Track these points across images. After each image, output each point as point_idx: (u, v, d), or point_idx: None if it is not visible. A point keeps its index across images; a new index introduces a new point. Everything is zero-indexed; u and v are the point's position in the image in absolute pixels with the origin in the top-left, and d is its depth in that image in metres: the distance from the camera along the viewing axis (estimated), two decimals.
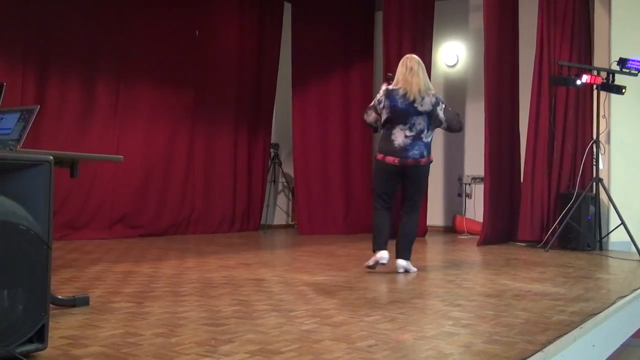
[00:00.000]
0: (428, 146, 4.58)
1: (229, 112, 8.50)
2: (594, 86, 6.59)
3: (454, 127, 4.74)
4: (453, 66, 9.48)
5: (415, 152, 4.49)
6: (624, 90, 6.40)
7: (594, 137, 6.59)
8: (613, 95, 6.68)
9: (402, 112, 4.50)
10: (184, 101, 7.90)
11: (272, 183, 9.41)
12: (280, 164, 9.35)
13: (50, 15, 6.54)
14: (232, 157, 8.54)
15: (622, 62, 6.33)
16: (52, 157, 2.13)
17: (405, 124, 4.51)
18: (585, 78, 6.46)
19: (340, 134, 8.91)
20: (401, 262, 4.61)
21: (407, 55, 4.86)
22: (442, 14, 8.97)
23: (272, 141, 9.27)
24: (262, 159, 8.99)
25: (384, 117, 4.58)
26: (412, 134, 4.50)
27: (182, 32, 7.88)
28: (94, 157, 3.41)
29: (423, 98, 4.52)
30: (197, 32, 8.08)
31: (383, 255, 4.53)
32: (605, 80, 6.48)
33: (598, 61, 7.02)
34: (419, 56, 8.24)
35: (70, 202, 6.64)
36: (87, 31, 6.89)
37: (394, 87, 4.59)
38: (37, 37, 6.45)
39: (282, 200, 9.82)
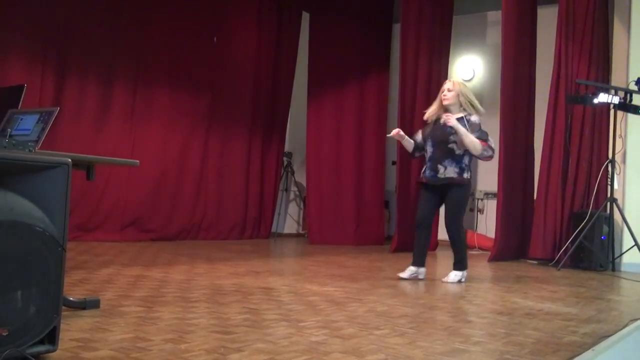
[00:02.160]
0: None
1: (244, 119, 8.53)
2: (611, 105, 6.55)
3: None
4: (469, 80, 9.46)
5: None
6: None
7: (610, 156, 6.55)
8: (630, 115, 6.64)
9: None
10: (199, 107, 7.95)
11: (284, 191, 9.42)
12: (292, 173, 9.36)
13: (70, 18, 6.62)
14: (245, 164, 8.57)
15: None
16: (70, 160, 2.14)
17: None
18: (602, 97, 6.42)
19: (354, 145, 8.91)
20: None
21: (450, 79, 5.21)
22: (460, 28, 8.97)
23: (286, 149, 9.30)
24: (275, 167, 9.01)
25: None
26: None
27: (200, 37, 7.94)
28: (111, 161, 3.43)
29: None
30: (215, 39, 8.13)
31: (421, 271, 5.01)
32: (622, 100, 6.44)
33: (616, 80, 6.98)
34: (436, 69, 8.34)
35: (83, 204, 6.68)
36: (106, 34, 6.96)
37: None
38: (56, 40, 6.52)
39: (294, 209, 9.82)
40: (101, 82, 6.96)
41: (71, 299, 2.98)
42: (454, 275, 4.93)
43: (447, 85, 4.96)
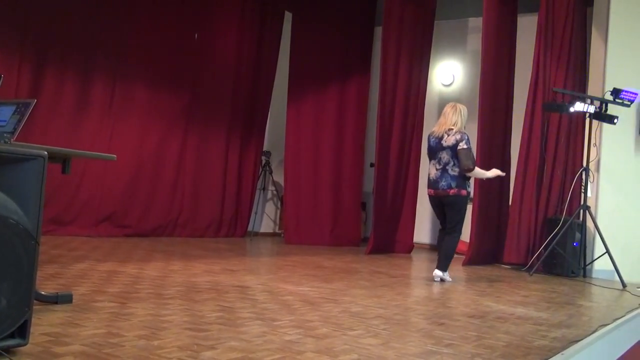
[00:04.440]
0: (456, 178, 5.15)
1: (222, 117, 8.50)
2: (587, 114, 6.65)
3: (460, 163, 5.18)
4: (449, 85, 9.55)
5: (443, 184, 5.19)
6: (615, 121, 6.47)
7: (584, 164, 6.65)
8: (605, 125, 6.75)
9: (433, 149, 5.29)
10: (178, 103, 7.90)
11: (262, 190, 9.40)
12: (271, 172, 9.35)
13: (50, 9, 6.52)
14: (223, 162, 8.53)
15: (616, 92, 6.40)
16: (46, 153, 2.13)
17: (434, 158, 5.28)
18: (578, 106, 6.52)
19: (333, 146, 8.93)
20: (436, 272, 5.28)
21: (450, 103, 5.58)
22: (441, 34, 9.04)
23: (265, 148, 9.27)
24: (253, 166, 8.98)
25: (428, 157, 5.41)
26: (440, 167, 5.22)
27: (182, 34, 7.88)
28: (87, 155, 3.39)
29: (448, 135, 5.16)
30: (196, 35, 8.08)
31: (435, 272, 5.29)
32: (598, 109, 6.54)
33: (592, 90, 7.09)
34: (416, 72, 8.39)
35: (57, 198, 6.60)
36: (86, 28, 6.88)
37: (432, 130, 5.40)
38: (35, 31, 6.43)
39: (271, 209, 9.81)
40: (79, 76, 6.88)
41: (43, 293, 2.95)
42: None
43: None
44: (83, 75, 6.91)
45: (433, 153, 5.29)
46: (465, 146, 5.12)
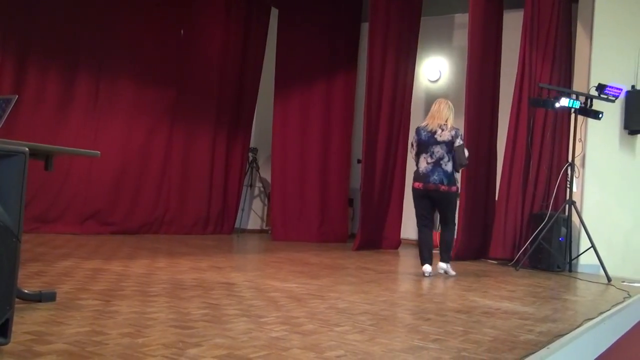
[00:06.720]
0: (448, 174, 5.23)
1: (209, 114, 8.46)
2: (572, 110, 6.69)
3: (457, 160, 5.29)
4: (435, 81, 9.56)
5: (435, 178, 5.24)
6: (600, 116, 6.51)
7: (569, 159, 6.68)
8: (590, 120, 6.79)
9: (424, 142, 5.30)
10: (164, 100, 7.85)
11: (249, 187, 9.37)
12: (257, 169, 9.33)
13: (32, 5, 6.45)
14: (209, 159, 8.49)
15: (601, 87, 6.44)
16: (27, 149, 2.09)
17: (426, 152, 5.29)
18: (563, 101, 6.55)
19: (320, 142, 8.92)
20: (441, 264, 5.52)
21: (439, 99, 5.66)
22: (427, 30, 9.05)
23: (251, 145, 9.25)
24: (239, 163, 8.96)
25: (415, 150, 5.43)
26: (432, 160, 5.26)
27: (167, 30, 7.84)
28: (70, 151, 3.35)
29: (442, 130, 5.22)
30: (182, 32, 8.03)
31: (426, 269, 5.34)
32: (583, 105, 6.58)
33: (577, 85, 7.13)
34: (403, 68, 8.40)
35: (42, 195, 6.54)
36: (70, 23, 6.82)
37: (422, 125, 5.43)
38: (18, 26, 6.36)
39: (258, 205, 9.79)
40: (63, 72, 6.81)
41: (26, 291, 2.91)
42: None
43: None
44: (67, 72, 6.85)
45: (424, 147, 5.31)
46: (461, 142, 5.25)
